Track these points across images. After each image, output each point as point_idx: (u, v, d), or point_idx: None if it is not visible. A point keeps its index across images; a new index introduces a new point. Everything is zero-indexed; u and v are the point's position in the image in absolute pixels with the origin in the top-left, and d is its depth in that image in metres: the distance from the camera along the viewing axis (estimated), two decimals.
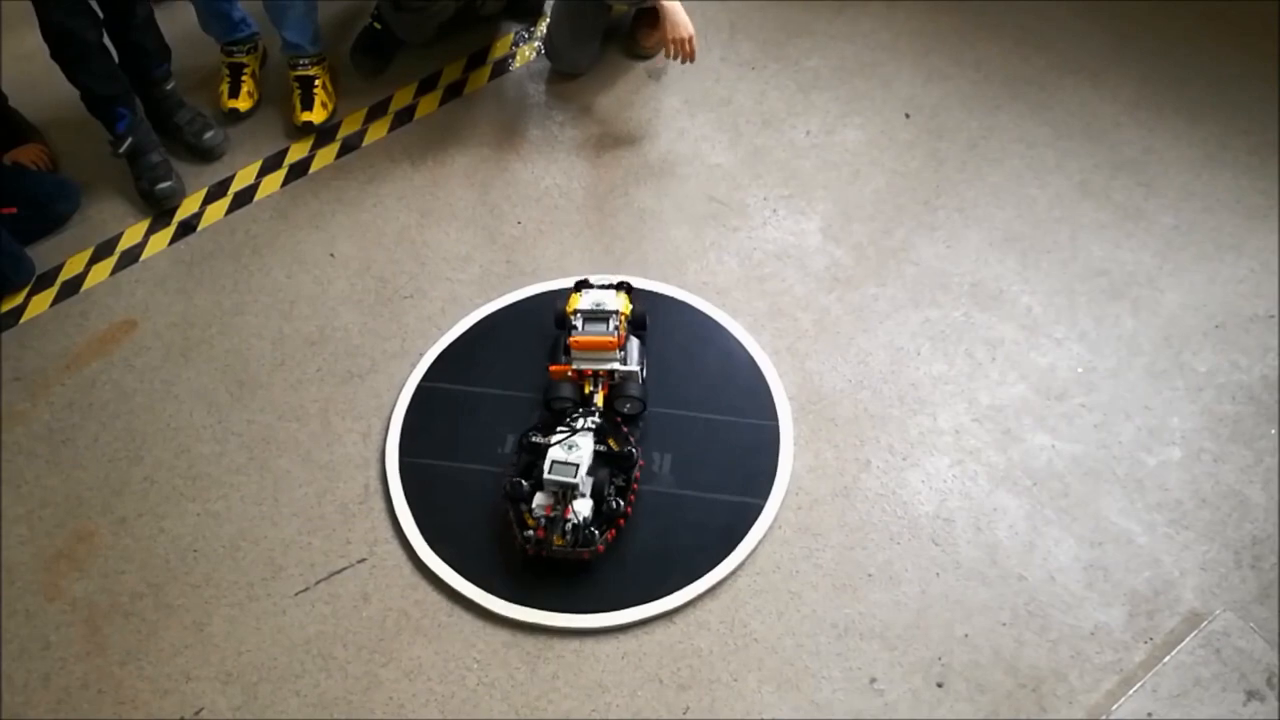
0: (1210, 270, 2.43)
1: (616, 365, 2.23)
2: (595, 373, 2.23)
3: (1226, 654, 1.88)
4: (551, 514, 2.02)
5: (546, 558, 2.04)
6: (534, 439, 2.11)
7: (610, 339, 2.21)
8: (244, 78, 2.95)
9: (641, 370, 2.26)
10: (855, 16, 3.07)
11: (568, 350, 2.24)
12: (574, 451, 2.04)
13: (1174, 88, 2.80)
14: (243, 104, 2.95)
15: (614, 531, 2.05)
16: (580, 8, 2.85)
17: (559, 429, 2.11)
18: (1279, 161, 2.61)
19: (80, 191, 2.82)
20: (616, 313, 2.25)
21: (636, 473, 2.13)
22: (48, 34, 2.51)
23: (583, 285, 2.36)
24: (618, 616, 1.99)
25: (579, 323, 2.24)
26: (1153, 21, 2.95)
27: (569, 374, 2.23)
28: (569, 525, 1.99)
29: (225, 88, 2.95)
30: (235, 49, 2.95)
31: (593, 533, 2.00)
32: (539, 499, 2.04)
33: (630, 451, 2.11)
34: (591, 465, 2.06)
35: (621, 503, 2.05)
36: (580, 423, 2.12)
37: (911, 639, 1.96)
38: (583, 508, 2.02)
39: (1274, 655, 1.86)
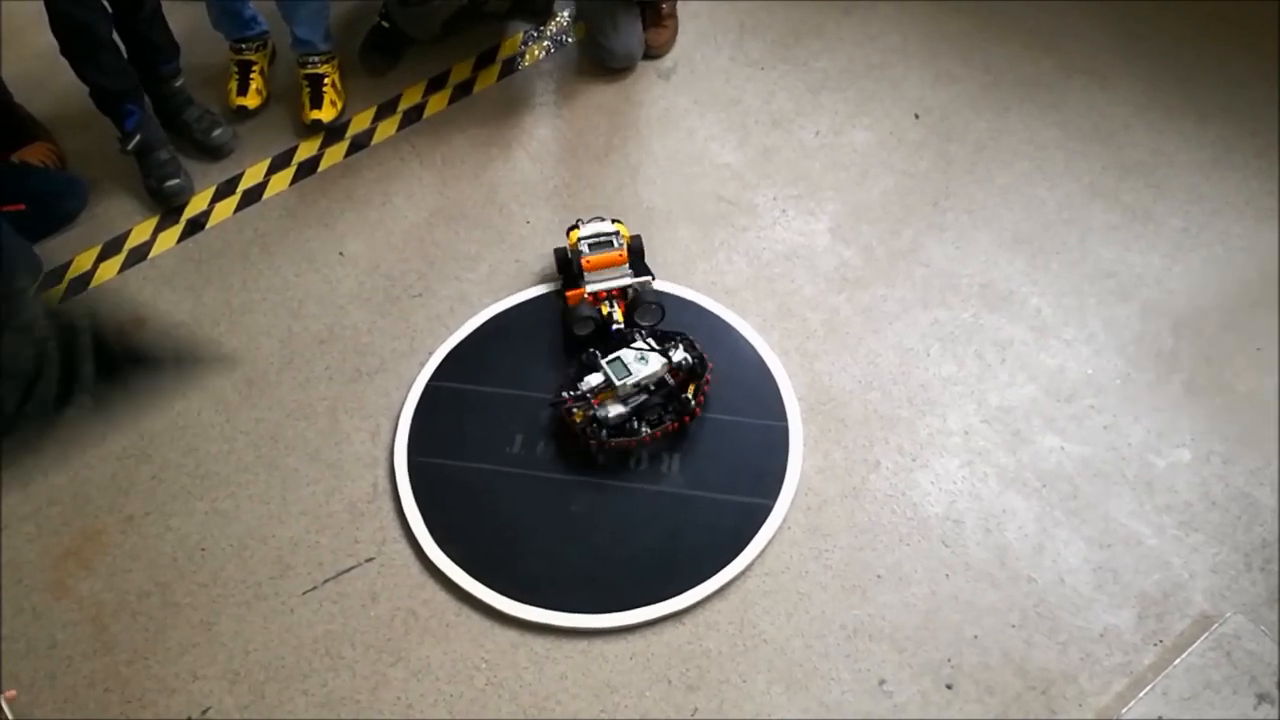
0: (1219, 272, 2.42)
1: (628, 279, 2.34)
2: (610, 293, 2.33)
3: (1237, 657, 1.87)
4: (588, 393, 2.15)
5: (561, 413, 2.18)
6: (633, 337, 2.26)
7: (619, 253, 2.35)
8: (252, 75, 2.95)
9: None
10: (864, 18, 3.06)
11: (581, 275, 2.34)
12: (640, 364, 2.17)
13: (1182, 89, 2.79)
14: (251, 101, 2.94)
15: (619, 443, 2.15)
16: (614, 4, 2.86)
17: (650, 341, 2.23)
18: None
19: (88, 189, 2.82)
20: (617, 233, 2.40)
21: (686, 418, 2.20)
22: (56, 27, 2.51)
23: (574, 227, 2.43)
24: (626, 617, 1.99)
25: (585, 248, 2.34)
26: (1161, 23, 2.95)
27: (585, 297, 2.32)
28: (590, 413, 2.13)
29: (233, 85, 2.95)
30: (244, 46, 2.94)
31: (600, 432, 2.12)
32: (594, 377, 2.17)
33: (687, 399, 2.19)
34: (649, 385, 2.18)
35: (647, 430, 2.15)
36: (672, 348, 2.22)
37: (921, 640, 1.96)
38: (611, 409, 2.13)
39: None
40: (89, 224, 2.80)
